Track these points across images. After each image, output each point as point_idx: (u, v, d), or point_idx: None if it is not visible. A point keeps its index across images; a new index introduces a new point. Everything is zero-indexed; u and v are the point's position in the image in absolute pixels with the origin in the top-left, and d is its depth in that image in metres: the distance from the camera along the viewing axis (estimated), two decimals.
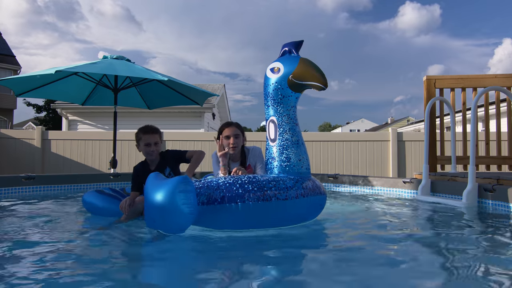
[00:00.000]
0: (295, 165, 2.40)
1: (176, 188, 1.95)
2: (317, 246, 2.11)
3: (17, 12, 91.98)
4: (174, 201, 1.93)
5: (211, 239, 2.09)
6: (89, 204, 2.86)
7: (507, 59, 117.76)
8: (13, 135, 7.46)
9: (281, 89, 2.41)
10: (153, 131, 2.94)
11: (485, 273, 1.49)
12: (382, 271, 1.55)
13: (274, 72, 2.43)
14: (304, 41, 2.50)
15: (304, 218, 2.45)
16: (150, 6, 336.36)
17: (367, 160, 7.13)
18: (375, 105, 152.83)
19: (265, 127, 2.54)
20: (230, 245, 2.01)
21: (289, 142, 2.41)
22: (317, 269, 1.61)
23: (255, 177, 2.26)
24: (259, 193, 2.13)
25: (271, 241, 2.09)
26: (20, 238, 2.09)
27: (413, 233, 2.37)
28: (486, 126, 4.48)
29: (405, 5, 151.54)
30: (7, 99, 27.97)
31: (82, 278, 1.45)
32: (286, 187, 2.23)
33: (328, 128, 77.37)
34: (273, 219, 2.23)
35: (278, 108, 2.44)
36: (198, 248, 2.02)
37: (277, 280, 1.46)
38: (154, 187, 2.05)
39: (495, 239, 2.09)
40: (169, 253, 1.88)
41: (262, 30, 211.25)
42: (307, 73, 2.29)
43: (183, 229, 2.04)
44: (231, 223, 2.17)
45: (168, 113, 12.12)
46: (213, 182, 2.20)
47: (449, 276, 1.47)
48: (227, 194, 2.11)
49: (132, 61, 4.83)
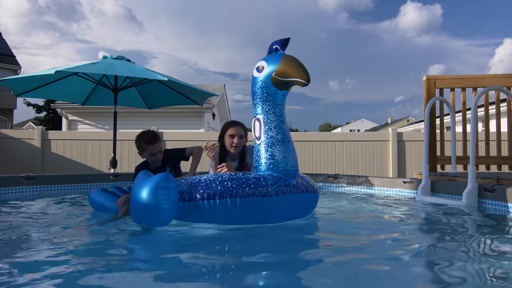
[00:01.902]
0: (279, 162, 2.39)
1: (157, 184, 2.08)
2: (315, 245, 2.11)
3: (19, 12, 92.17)
4: (155, 197, 2.06)
5: (200, 233, 2.10)
6: (95, 202, 2.92)
7: (507, 59, 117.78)
8: (13, 135, 7.46)
9: (266, 87, 2.41)
10: (156, 139, 2.94)
11: (485, 273, 1.49)
12: (381, 271, 1.55)
13: (259, 70, 2.44)
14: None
15: (289, 215, 2.43)
16: (150, 6, 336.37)
17: (367, 160, 7.13)
18: (375, 105, 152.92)
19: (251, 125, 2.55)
20: (219, 239, 2.07)
21: (274, 139, 2.41)
22: (311, 268, 1.61)
23: (236, 174, 2.29)
24: (238, 189, 2.18)
25: (260, 237, 2.13)
26: (20, 238, 2.09)
27: (413, 233, 2.37)
28: (486, 126, 4.48)
29: (407, 4, 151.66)
30: (7, 99, 27.98)
31: (75, 273, 1.45)
32: (267, 184, 2.24)
33: (328, 128, 77.39)
34: (254, 216, 2.26)
35: (264, 106, 2.44)
36: (181, 242, 2.08)
37: (264, 277, 1.46)
38: (139, 184, 2.18)
39: (495, 239, 2.09)
40: (155, 250, 1.89)
41: (262, 30, 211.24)
42: (289, 70, 2.29)
43: (164, 224, 2.16)
44: (212, 220, 2.26)
45: (168, 113, 12.12)
46: (195, 180, 2.31)
47: (449, 276, 1.47)
48: (206, 191, 2.20)
49: (133, 61, 4.84)
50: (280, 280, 1.46)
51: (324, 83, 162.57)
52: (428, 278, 1.47)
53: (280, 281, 1.45)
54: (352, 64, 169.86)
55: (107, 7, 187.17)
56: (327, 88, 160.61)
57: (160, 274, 1.52)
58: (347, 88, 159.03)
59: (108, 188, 3.08)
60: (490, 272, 1.50)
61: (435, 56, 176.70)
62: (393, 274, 1.52)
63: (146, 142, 2.92)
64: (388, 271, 1.56)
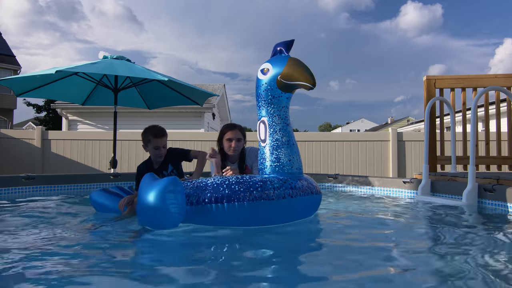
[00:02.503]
0: (285, 165, 2.40)
1: (165, 188, 2.08)
2: (314, 244, 2.12)
3: (19, 11, 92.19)
4: (163, 201, 2.06)
5: (204, 235, 2.10)
6: (96, 203, 2.92)
7: (508, 59, 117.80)
8: (13, 135, 7.46)
9: (271, 90, 2.41)
10: (163, 134, 3.00)
11: (485, 273, 1.49)
12: (380, 271, 1.55)
13: (264, 73, 2.43)
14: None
15: (295, 217, 2.44)
16: (150, 6, 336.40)
17: (367, 160, 7.13)
18: (375, 105, 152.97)
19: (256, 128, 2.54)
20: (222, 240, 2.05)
21: (279, 142, 2.41)
22: (310, 268, 1.61)
23: (243, 177, 2.29)
24: (246, 193, 2.17)
25: (265, 238, 2.12)
26: (20, 238, 2.09)
27: (413, 233, 2.37)
28: (486, 126, 4.48)
29: (407, 4, 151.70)
30: (7, 99, 27.98)
31: (72, 274, 1.45)
32: (273, 187, 2.25)
33: (329, 128, 77.42)
34: (261, 218, 2.27)
35: (269, 109, 2.44)
36: (183, 242, 2.09)
37: (266, 278, 1.46)
38: (146, 187, 2.17)
39: (495, 239, 2.09)
40: (158, 250, 1.89)
41: (262, 30, 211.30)
42: (295, 73, 2.28)
43: (171, 228, 2.16)
44: (220, 223, 2.24)
45: (168, 113, 12.11)
46: (202, 183, 2.28)
47: (449, 276, 1.47)
48: (214, 195, 2.18)
49: (133, 61, 4.84)
50: (283, 280, 1.46)
51: (325, 83, 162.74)
52: (427, 278, 1.47)
53: (282, 281, 1.45)
54: (353, 64, 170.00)
55: (108, 7, 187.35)
56: (327, 88, 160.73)
57: (161, 274, 1.52)
58: (347, 88, 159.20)
59: (109, 188, 3.08)
60: (490, 272, 1.50)
61: (435, 56, 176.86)
62: (393, 274, 1.52)
63: (152, 135, 2.96)
64: (388, 271, 1.56)
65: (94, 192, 3.00)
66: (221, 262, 1.70)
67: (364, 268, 1.60)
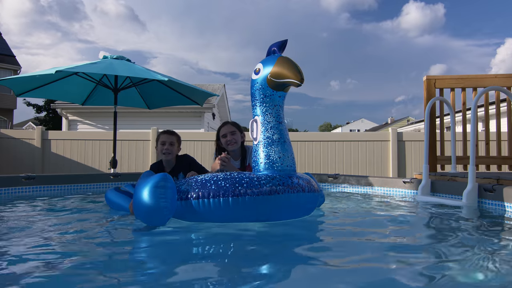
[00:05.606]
0: (275, 162, 2.41)
1: (156, 183, 2.19)
2: (314, 244, 2.11)
3: (20, 11, 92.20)
4: (152, 195, 2.17)
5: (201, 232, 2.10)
6: (110, 201, 3.03)
7: (509, 58, 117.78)
8: (13, 135, 7.46)
9: (263, 89, 2.46)
10: (171, 133, 3.24)
11: (485, 273, 1.49)
12: (379, 271, 1.55)
13: (256, 73, 2.49)
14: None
15: (287, 214, 2.44)
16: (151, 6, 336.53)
17: (367, 160, 7.13)
18: (376, 105, 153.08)
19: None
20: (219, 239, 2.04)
21: (270, 140, 2.43)
22: (311, 268, 1.61)
23: (231, 174, 2.35)
24: (231, 189, 2.23)
25: (265, 238, 2.14)
26: (20, 238, 2.09)
27: (412, 233, 2.37)
28: (486, 126, 4.48)
29: (409, 4, 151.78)
30: (7, 99, 27.99)
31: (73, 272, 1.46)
32: (260, 183, 2.27)
33: (329, 128, 77.46)
34: (247, 214, 2.29)
35: (262, 108, 2.48)
36: (185, 241, 2.07)
37: (262, 276, 1.46)
38: (140, 183, 2.30)
39: (495, 239, 2.09)
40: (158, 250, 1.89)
41: (263, 30, 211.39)
42: (283, 71, 2.33)
43: (162, 222, 2.24)
44: (207, 219, 2.30)
45: (168, 113, 12.12)
46: (193, 179, 2.37)
47: (449, 276, 1.47)
48: (201, 190, 2.26)
49: (133, 61, 4.84)
50: (277, 279, 1.46)
51: (325, 83, 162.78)
52: (427, 278, 1.47)
53: (276, 280, 1.45)
54: (354, 64, 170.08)
55: (110, 6, 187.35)
56: (328, 88, 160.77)
57: (162, 274, 1.52)
58: (348, 88, 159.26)
59: (121, 187, 3.18)
60: (490, 272, 1.50)
61: (436, 56, 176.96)
62: (393, 274, 1.52)
63: (161, 132, 3.21)
64: (388, 271, 1.56)
65: (109, 191, 3.09)
66: (221, 260, 1.70)
67: (363, 268, 1.60)
